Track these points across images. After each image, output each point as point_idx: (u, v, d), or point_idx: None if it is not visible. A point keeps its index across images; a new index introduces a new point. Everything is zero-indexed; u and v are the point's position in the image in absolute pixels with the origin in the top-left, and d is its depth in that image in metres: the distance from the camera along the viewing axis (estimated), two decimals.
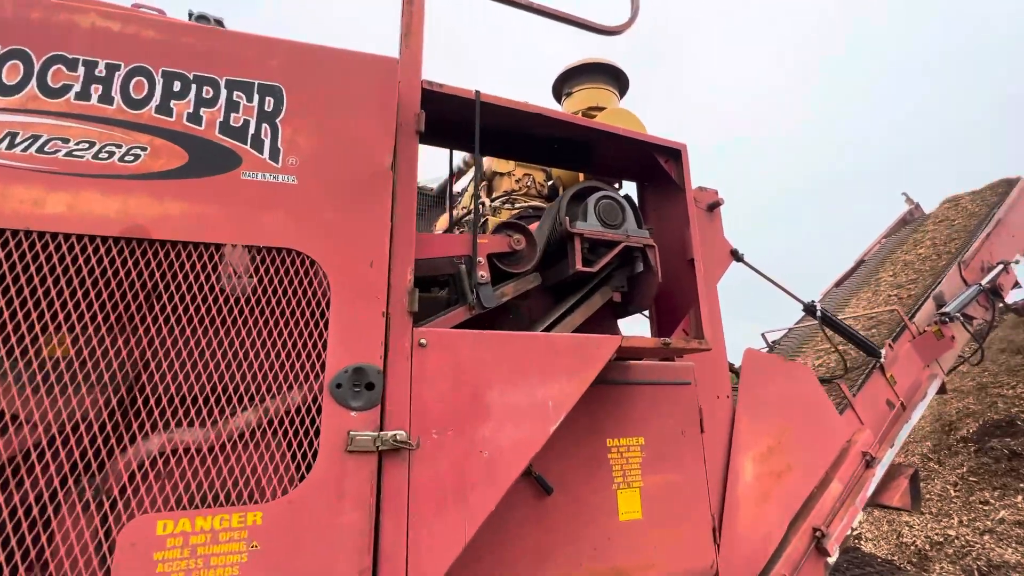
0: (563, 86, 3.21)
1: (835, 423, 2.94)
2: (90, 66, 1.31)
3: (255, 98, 1.43)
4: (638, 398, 2.13)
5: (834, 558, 2.54)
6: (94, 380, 1.17)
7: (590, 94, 3.06)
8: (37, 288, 1.15)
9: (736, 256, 2.77)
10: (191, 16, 1.95)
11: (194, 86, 1.39)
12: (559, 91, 3.25)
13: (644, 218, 2.44)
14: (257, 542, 1.16)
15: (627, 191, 2.49)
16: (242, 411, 1.26)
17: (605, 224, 2.06)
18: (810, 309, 3.32)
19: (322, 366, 1.32)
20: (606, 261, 2.04)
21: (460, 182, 4.03)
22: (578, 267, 1.96)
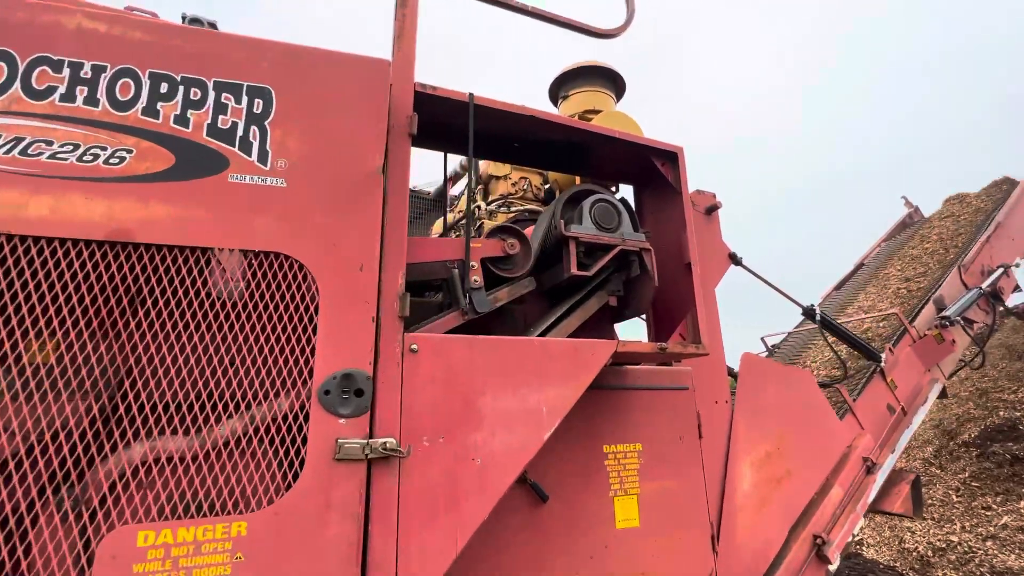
0: (559, 89, 3.20)
1: (835, 428, 2.91)
2: (75, 68, 1.29)
3: (244, 100, 1.41)
4: (635, 403, 2.10)
5: (835, 565, 2.50)
6: (75, 387, 1.14)
7: (586, 97, 3.04)
8: (18, 293, 1.12)
9: (735, 260, 2.74)
10: (184, 19, 1.94)
11: (182, 88, 1.37)
12: (555, 94, 3.24)
13: (641, 221, 2.42)
14: (241, 553, 1.13)
15: (624, 195, 2.47)
16: (228, 418, 1.24)
17: (600, 227, 2.04)
18: (809, 313, 3.30)
19: (310, 372, 1.29)
20: (601, 265, 2.01)
21: (457, 186, 4.01)
22: (573, 271, 1.94)
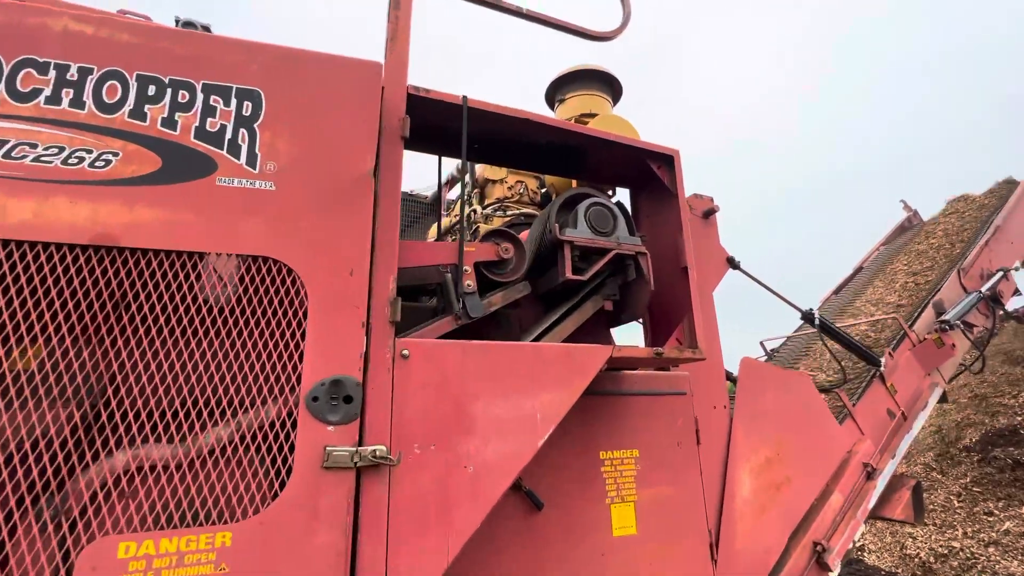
0: (556, 93, 3.18)
1: (835, 433, 2.88)
2: (61, 70, 1.27)
3: (233, 102, 1.40)
4: (632, 409, 2.07)
5: (836, 572, 2.47)
6: (56, 394, 1.12)
7: (583, 100, 3.03)
8: None
9: (732, 264, 2.72)
10: (178, 22, 1.92)
11: (169, 90, 1.35)
12: (552, 98, 3.22)
13: (637, 225, 2.41)
14: (226, 564, 1.10)
15: (621, 198, 2.46)
16: (213, 426, 1.21)
17: (596, 231, 2.02)
18: (808, 317, 3.28)
19: (298, 378, 1.27)
20: (596, 269, 1.99)
21: (454, 190, 4.00)
22: (568, 275, 1.92)
